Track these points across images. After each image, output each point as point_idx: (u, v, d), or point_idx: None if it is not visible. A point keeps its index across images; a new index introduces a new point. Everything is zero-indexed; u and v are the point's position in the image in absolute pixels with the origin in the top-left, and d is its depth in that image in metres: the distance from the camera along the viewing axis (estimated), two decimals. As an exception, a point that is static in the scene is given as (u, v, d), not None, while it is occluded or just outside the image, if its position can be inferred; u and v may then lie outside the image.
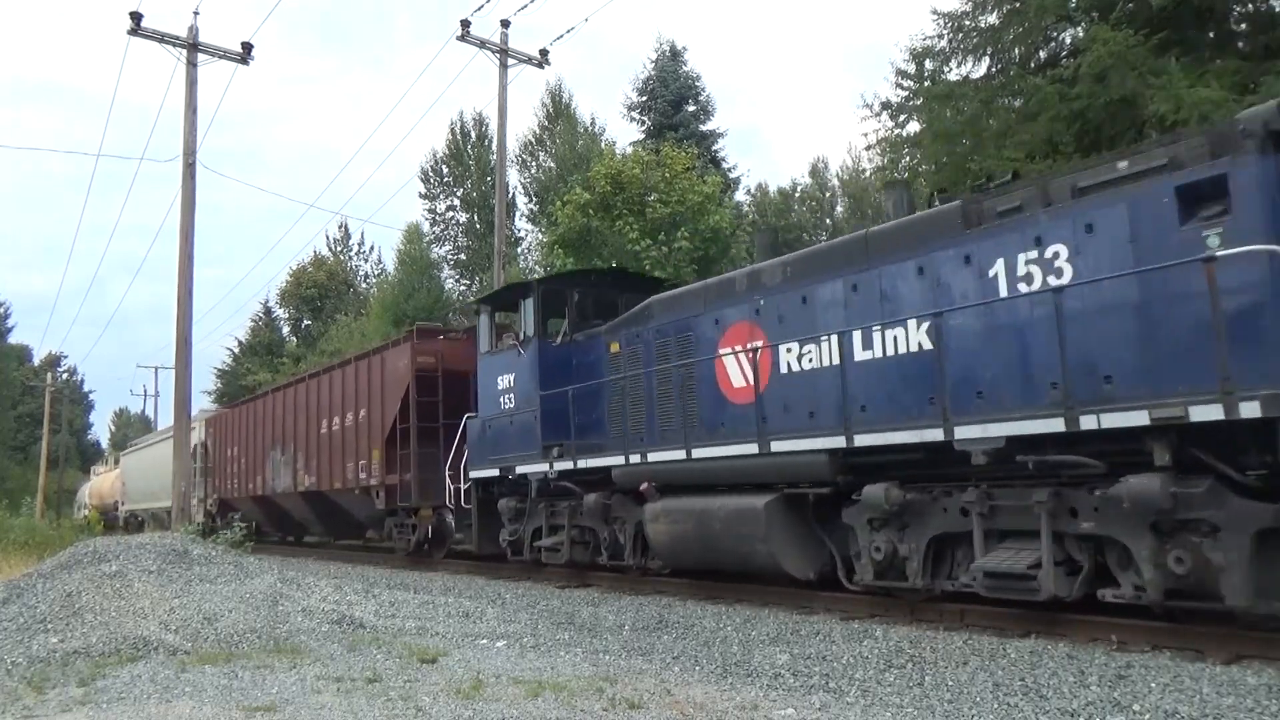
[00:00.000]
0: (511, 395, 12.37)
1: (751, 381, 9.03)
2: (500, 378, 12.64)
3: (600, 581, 11.65)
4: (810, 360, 8.51)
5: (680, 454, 9.57)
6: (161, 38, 18.47)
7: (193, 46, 18.76)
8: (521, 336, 12.38)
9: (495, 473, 12.65)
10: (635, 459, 10.20)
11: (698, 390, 9.72)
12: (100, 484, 42.32)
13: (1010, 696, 5.23)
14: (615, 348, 11.15)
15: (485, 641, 7.89)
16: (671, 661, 6.77)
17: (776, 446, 8.55)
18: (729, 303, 9.61)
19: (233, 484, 23.50)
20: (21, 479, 51.92)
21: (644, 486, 9.95)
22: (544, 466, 11.53)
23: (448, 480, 13.86)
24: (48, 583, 8.98)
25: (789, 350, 8.70)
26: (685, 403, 9.80)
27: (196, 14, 18.94)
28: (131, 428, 76.45)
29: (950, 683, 5.62)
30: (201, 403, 38.27)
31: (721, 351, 9.49)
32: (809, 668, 6.24)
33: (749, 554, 8.74)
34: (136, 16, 18.07)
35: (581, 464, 11.00)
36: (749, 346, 9.12)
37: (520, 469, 12.07)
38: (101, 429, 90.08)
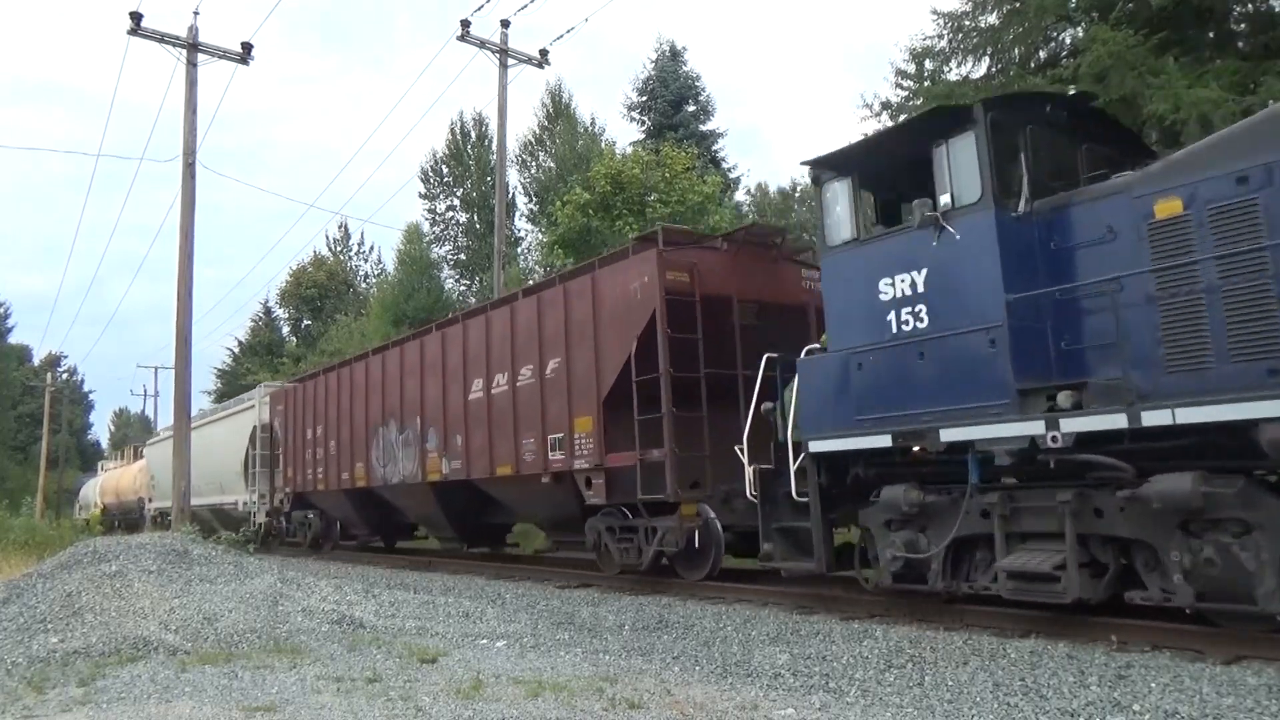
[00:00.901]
0: (919, 308, 7.48)
1: None
2: (884, 282, 7.73)
3: (600, 581, 11.61)
4: None
5: None
6: (161, 38, 18.56)
7: (193, 46, 18.84)
8: (946, 205, 7.31)
9: (883, 442, 7.69)
10: None
11: None
12: (119, 480, 37.51)
13: (1010, 696, 5.24)
14: (1172, 208, 6.35)
15: (485, 641, 7.89)
16: (671, 661, 6.77)
17: None
18: None
19: (314, 474, 18.70)
20: (21, 479, 51.96)
21: None
22: (1028, 427, 6.67)
23: (743, 460, 9.01)
24: (48, 583, 9.00)
25: None
26: None
27: (196, 14, 19.12)
28: (131, 428, 76.61)
29: (950, 683, 5.62)
30: (202, 402, 38.28)
31: None
32: (809, 668, 6.24)
33: None
34: (136, 16, 18.15)
35: (1185, 417, 5.86)
36: None
37: (951, 434, 7.13)
38: (101, 429, 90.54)
